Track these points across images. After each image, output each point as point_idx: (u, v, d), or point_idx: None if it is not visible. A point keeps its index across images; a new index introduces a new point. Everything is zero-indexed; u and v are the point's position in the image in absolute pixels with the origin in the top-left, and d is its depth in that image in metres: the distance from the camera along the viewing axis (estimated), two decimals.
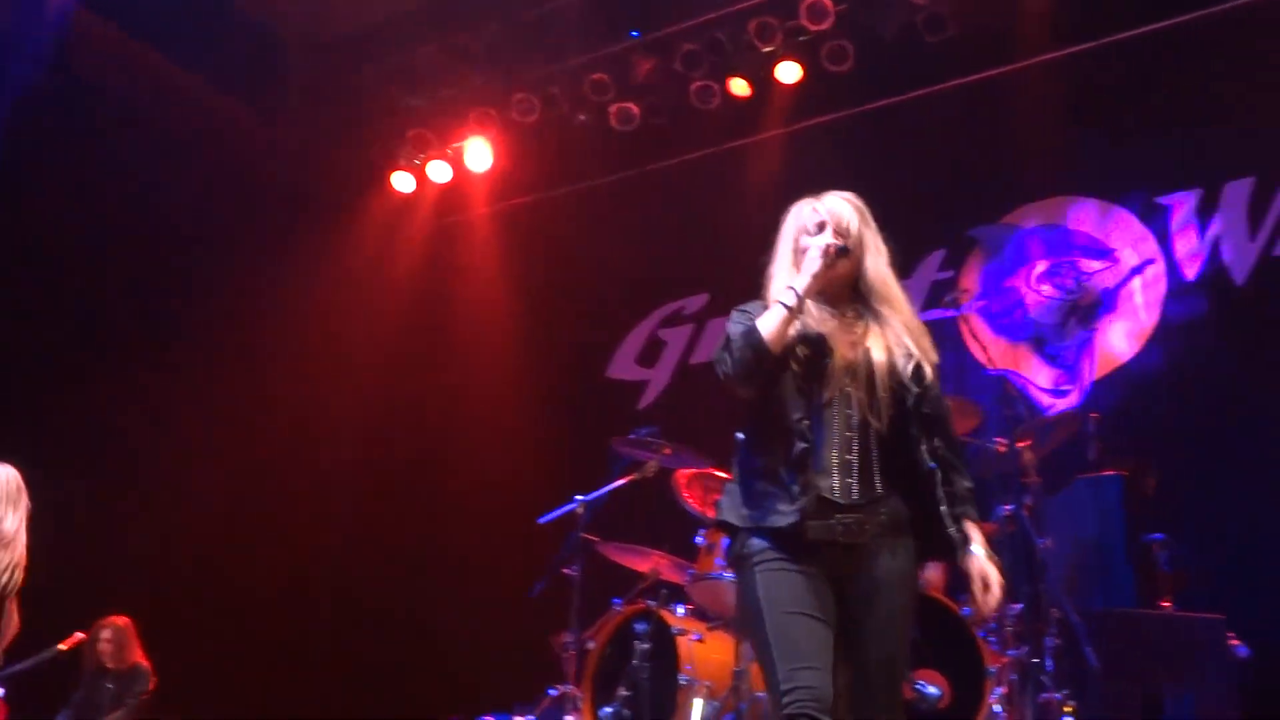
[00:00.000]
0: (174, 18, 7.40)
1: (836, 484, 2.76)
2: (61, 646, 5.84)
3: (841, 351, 2.84)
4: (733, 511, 2.85)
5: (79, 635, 6.00)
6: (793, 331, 2.81)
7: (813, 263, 2.83)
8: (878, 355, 2.83)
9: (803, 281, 2.82)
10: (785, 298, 2.81)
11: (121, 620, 6.38)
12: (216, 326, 7.67)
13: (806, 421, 2.78)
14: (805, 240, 2.91)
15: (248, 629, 7.32)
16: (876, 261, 2.93)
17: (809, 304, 2.86)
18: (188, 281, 7.65)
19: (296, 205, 8.25)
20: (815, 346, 2.83)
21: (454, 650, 7.24)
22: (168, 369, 7.30)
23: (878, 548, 2.75)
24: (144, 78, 7.64)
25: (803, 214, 2.98)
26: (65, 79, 6.99)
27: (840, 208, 2.95)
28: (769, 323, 2.79)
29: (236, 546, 7.35)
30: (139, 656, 6.37)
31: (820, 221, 2.93)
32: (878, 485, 2.78)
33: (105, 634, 6.28)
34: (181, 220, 7.56)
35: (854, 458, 2.78)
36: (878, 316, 2.89)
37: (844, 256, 2.86)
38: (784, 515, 2.73)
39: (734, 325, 2.87)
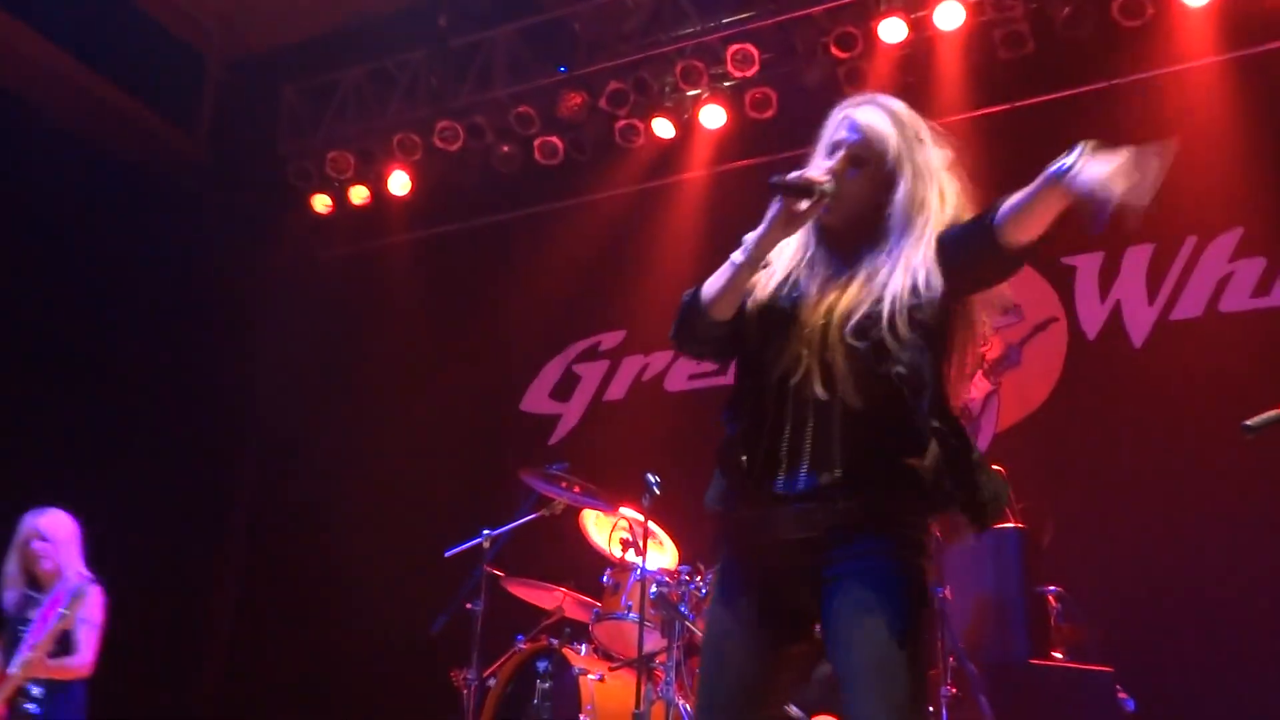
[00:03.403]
0: (93, 28, 7.29)
1: (783, 472, 2.34)
2: None
3: (807, 312, 2.36)
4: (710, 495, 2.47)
5: None
6: (760, 289, 2.38)
7: (774, 211, 2.33)
8: (843, 307, 2.33)
9: (756, 235, 2.35)
10: (736, 254, 2.36)
11: None
12: (117, 344, 7.50)
13: (751, 400, 2.38)
14: (810, 167, 2.36)
15: (139, 660, 7.12)
16: (913, 187, 2.38)
17: (811, 250, 2.43)
18: (87, 295, 7.47)
19: (209, 220, 8.13)
20: (774, 310, 2.38)
21: (354, 682, 7.11)
22: (54, 384, 7.12)
23: (837, 542, 2.28)
24: (59, 84, 7.49)
25: (833, 124, 2.45)
26: None
27: (874, 119, 2.41)
28: (712, 282, 2.39)
29: (128, 576, 7.13)
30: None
31: (838, 140, 2.41)
32: (837, 470, 2.28)
33: None
34: (86, 231, 7.40)
35: (808, 440, 2.32)
36: (892, 257, 2.34)
37: (820, 199, 2.31)
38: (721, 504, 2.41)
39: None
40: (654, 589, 4.80)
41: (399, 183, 7.92)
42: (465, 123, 7.64)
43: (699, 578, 4.97)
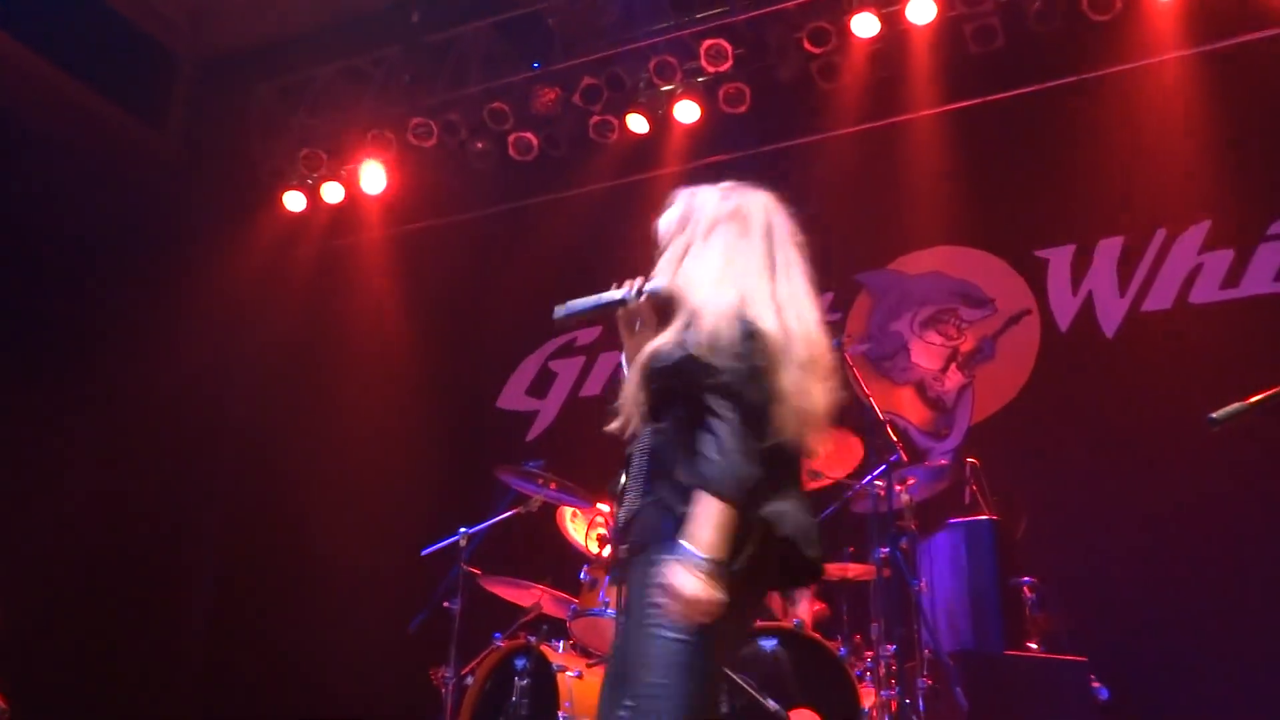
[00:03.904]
0: (63, 27, 7.22)
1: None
2: None
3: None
4: None
5: None
6: None
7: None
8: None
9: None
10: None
11: None
12: (92, 345, 7.45)
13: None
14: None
15: (118, 660, 7.09)
16: (678, 243, 2.70)
17: None
18: (61, 296, 7.41)
19: (182, 220, 8.08)
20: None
21: (332, 682, 7.09)
22: (33, 388, 7.06)
23: (629, 570, 2.53)
24: (27, 83, 7.42)
25: None
26: None
27: (665, 214, 2.80)
28: None
29: (103, 576, 7.11)
30: None
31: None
32: (625, 509, 2.58)
33: None
34: (59, 232, 7.34)
35: (624, 479, 2.64)
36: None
37: (639, 296, 2.64)
38: None
39: None
40: None
41: (373, 180, 7.88)
42: (439, 119, 7.62)
43: None
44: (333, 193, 8.02)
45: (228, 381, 8.19)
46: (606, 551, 5.09)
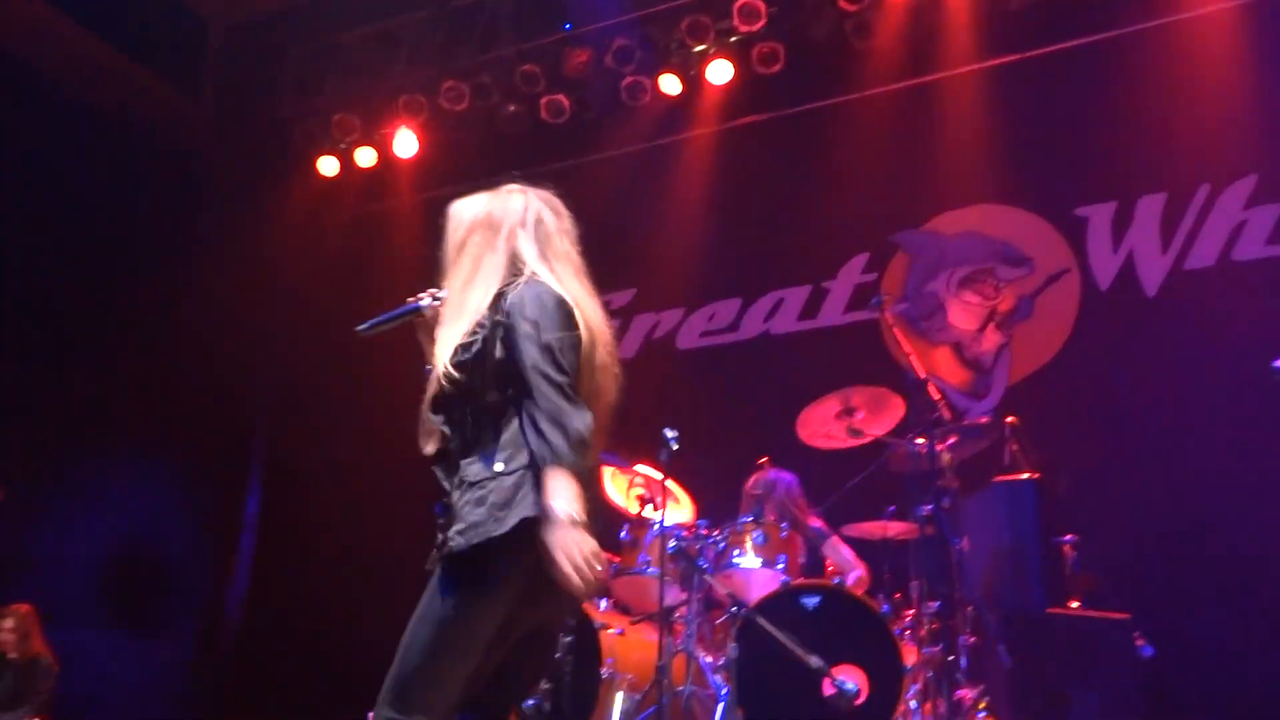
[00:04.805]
0: None
1: None
2: None
3: None
4: None
5: None
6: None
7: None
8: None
9: None
10: None
11: (24, 608, 6.18)
12: (128, 309, 7.49)
13: None
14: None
15: (160, 632, 7.17)
16: (459, 258, 2.80)
17: None
18: (95, 262, 7.45)
19: (215, 185, 8.10)
20: None
21: (371, 646, 7.14)
22: (70, 351, 7.10)
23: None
24: (59, 48, 7.43)
25: None
26: None
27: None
28: None
29: (142, 556, 7.18)
30: (41, 647, 6.18)
31: None
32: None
33: (7, 623, 6.09)
34: (91, 197, 7.37)
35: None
36: None
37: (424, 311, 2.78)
38: None
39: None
40: (672, 543, 4.82)
41: (405, 144, 7.87)
42: (471, 83, 7.59)
43: (716, 532, 5.01)
44: (365, 157, 8.02)
45: (262, 347, 8.22)
46: (648, 511, 5.11)
